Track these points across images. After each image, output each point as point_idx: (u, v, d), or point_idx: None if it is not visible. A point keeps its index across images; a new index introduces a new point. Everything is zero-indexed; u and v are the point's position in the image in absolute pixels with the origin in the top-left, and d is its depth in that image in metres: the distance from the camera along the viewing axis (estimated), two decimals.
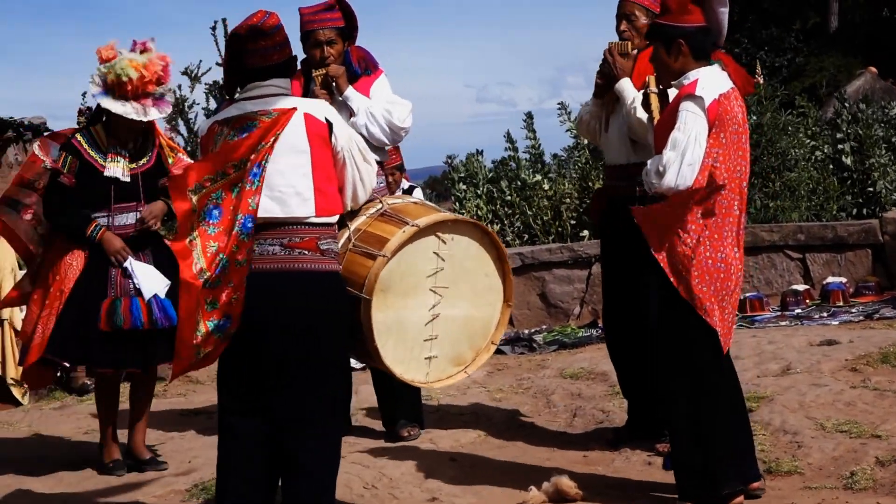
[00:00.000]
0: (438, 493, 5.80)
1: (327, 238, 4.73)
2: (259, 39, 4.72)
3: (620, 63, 6.23)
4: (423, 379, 5.15)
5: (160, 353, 6.42)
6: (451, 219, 5.18)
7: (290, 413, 4.68)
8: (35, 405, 8.70)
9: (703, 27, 5.32)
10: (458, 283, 5.15)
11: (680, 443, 5.29)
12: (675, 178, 5.11)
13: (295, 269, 4.64)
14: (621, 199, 6.24)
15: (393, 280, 4.94)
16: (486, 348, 5.31)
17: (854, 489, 5.52)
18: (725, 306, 5.22)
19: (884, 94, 17.90)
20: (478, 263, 5.22)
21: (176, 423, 7.69)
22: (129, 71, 6.45)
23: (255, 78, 4.77)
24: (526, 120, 12.70)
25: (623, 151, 6.31)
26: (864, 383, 7.11)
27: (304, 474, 4.71)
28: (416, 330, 5.04)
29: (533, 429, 7.03)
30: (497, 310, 5.32)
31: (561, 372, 8.32)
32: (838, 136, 11.82)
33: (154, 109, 6.55)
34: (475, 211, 11.91)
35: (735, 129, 5.20)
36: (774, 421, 6.45)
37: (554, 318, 10.70)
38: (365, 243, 4.98)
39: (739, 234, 5.29)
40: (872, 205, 11.37)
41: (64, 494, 6.30)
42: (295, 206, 4.66)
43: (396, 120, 6.59)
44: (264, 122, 4.64)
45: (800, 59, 27.06)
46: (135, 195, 6.58)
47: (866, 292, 10.19)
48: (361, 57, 6.72)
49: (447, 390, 7.90)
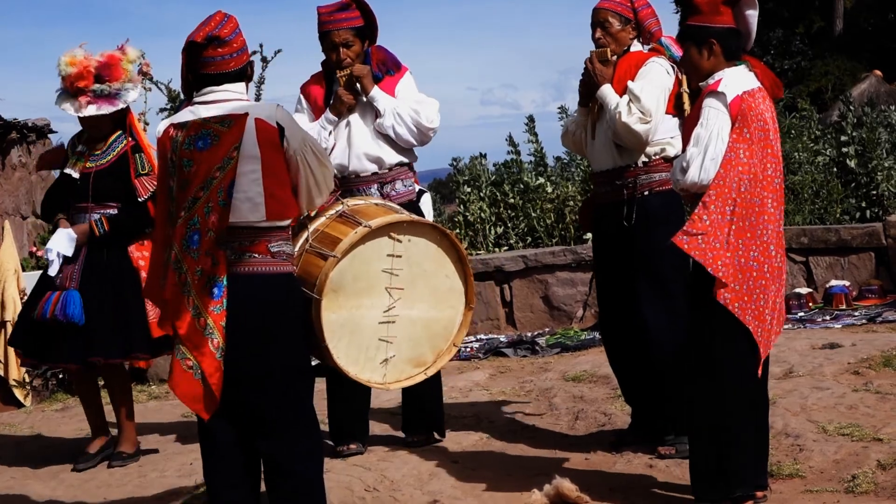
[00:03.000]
0: (440, 496, 5.79)
1: (278, 241, 4.71)
2: (217, 47, 4.70)
3: (600, 69, 6.23)
4: (380, 380, 5.13)
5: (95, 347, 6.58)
6: (406, 220, 5.17)
7: (254, 414, 4.68)
8: (37, 407, 8.71)
9: (734, 29, 5.32)
10: (416, 285, 5.14)
11: (699, 443, 5.26)
12: (697, 173, 5.11)
13: (245, 272, 4.64)
14: (609, 205, 6.27)
15: (345, 280, 4.94)
16: (448, 350, 5.32)
17: (855, 493, 5.50)
18: (763, 306, 5.15)
19: (888, 98, 17.89)
20: (437, 265, 5.21)
21: (178, 425, 7.69)
22: (64, 68, 6.61)
23: (211, 83, 4.76)
24: (528, 123, 12.70)
25: (609, 156, 6.27)
26: (867, 386, 7.11)
27: (288, 477, 4.72)
28: (370, 331, 5.04)
29: (535, 431, 7.03)
30: (459, 312, 5.32)
31: (563, 374, 8.32)
32: (843, 138, 11.81)
33: (92, 106, 6.62)
34: (478, 213, 11.91)
35: (761, 125, 5.16)
36: (776, 424, 6.44)
37: (557, 320, 10.70)
38: (320, 244, 4.99)
39: (779, 233, 5.24)
40: (876, 208, 11.36)
41: (65, 496, 6.30)
42: (245, 212, 4.63)
43: (424, 120, 6.51)
44: (221, 132, 4.60)
45: (805, 63, 27.04)
46: (83, 194, 6.66)
47: (869, 295, 10.19)
48: (381, 59, 6.60)
49: (449, 393, 7.90)
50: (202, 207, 4.57)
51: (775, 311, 5.26)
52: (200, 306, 4.57)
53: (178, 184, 4.65)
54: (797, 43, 27.94)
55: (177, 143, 4.68)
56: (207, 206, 4.56)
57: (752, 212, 5.14)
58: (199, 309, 4.57)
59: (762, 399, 5.37)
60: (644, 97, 6.08)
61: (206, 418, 4.64)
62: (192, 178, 4.61)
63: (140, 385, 9.01)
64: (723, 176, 5.10)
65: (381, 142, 6.56)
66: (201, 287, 4.56)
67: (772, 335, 5.26)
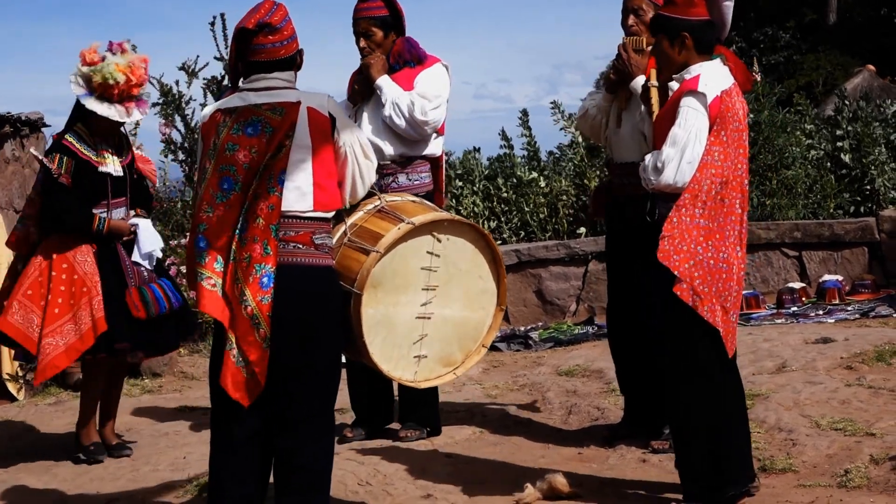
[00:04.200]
0: (433, 490, 5.79)
1: (322, 233, 4.71)
2: (267, 34, 4.69)
3: (635, 60, 6.08)
4: (411, 378, 5.12)
5: (170, 338, 6.89)
6: (447, 218, 5.16)
7: (284, 408, 4.66)
8: (30, 401, 8.69)
9: (708, 21, 5.27)
10: (451, 284, 5.13)
11: (685, 444, 5.27)
12: (673, 174, 5.09)
13: (288, 262, 4.61)
14: (631, 197, 6.16)
15: (385, 276, 4.93)
16: (477, 351, 5.29)
17: (848, 487, 5.51)
18: (728, 307, 5.16)
19: (882, 92, 17.89)
20: (472, 265, 5.19)
21: (171, 419, 7.69)
22: (116, 76, 6.60)
23: (260, 70, 4.75)
24: (521, 117, 12.70)
25: (635, 149, 6.17)
26: (859, 381, 7.12)
27: (301, 471, 4.70)
28: (406, 328, 5.02)
29: (528, 426, 7.03)
30: (490, 313, 5.29)
31: (556, 369, 8.32)
32: (837, 133, 11.82)
33: (137, 111, 6.75)
34: (472, 208, 11.90)
35: (736, 126, 5.16)
36: (769, 418, 6.45)
37: (550, 315, 10.70)
38: (360, 238, 4.97)
39: (742, 234, 5.23)
40: (870, 203, 11.37)
41: (58, 490, 6.29)
42: (293, 201, 4.63)
43: (418, 113, 6.54)
44: (272, 120, 4.60)
45: (797, 57, 27.03)
46: (124, 189, 6.73)
47: (862, 290, 10.21)
48: (399, 51, 6.65)
49: (442, 387, 7.89)
50: (252, 194, 4.57)
51: (736, 310, 5.28)
52: (248, 294, 4.54)
53: (214, 167, 4.63)
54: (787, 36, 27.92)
55: (222, 128, 4.66)
56: (258, 192, 4.57)
57: (720, 213, 5.13)
58: (245, 297, 4.54)
59: (740, 395, 5.38)
60: None
61: (247, 405, 4.58)
62: (232, 161, 4.59)
63: (133, 379, 8.99)
64: (697, 179, 5.08)
65: (384, 133, 6.61)
66: (249, 275, 4.54)
67: (735, 334, 5.27)
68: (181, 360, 9.50)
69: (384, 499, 5.74)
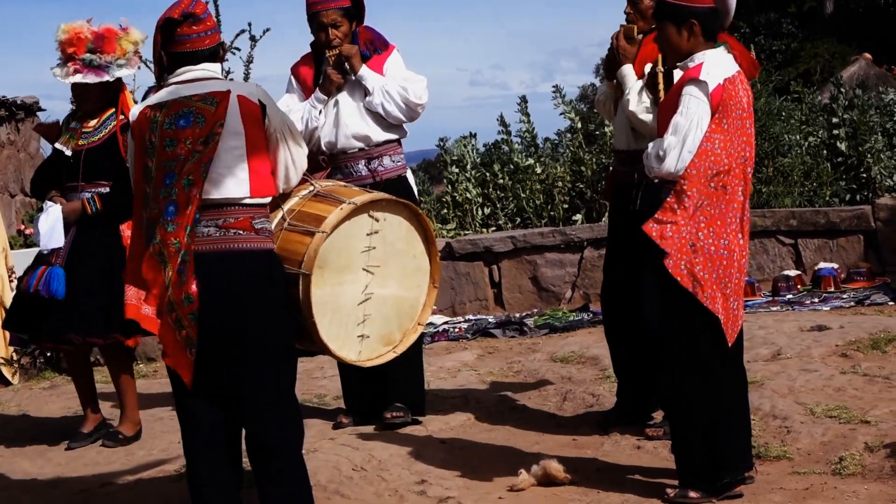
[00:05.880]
0: (427, 476, 5.79)
1: (261, 217, 4.73)
2: (192, 24, 4.73)
3: (624, 48, 6.18)
4: (355, 357, 5.14)
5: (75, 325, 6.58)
6: (384, 198, 5.19)
7: (242, 395, 4.67)
8: (25, 385, 8.69)
9: (713, 8, 5.27)
10: (389, 263, 5.16)
11: (683, 435, 5.27)
12: (675, 163, 5.09)
13: (231, 248, 4.64)
14: (624, 184, 6.30)
15: (330, 257, 4.95)
16: (413, 329, 5.32)
17: (843, 475, 5.52)
18: (729, 294, 5.16)
19: (878, 81, 17.90)
20: (407, 244, 5.23)
21: (165, 404, 7.67)
22: (59, 33, 6.62)
23: (186, 62, 4.77)
24: (520, 103, 12.67)
25: (624, 138, 6.31)
26: (854, 369, 7.13)
27: (272, 459, 4.71)
28: (350, 308, 5.04)
29: (523, 412, 7.03)
30: (423, 291, 5.33)
31: (552, 356, 8.32)
32: (833, 121, 11.81)
33: (78, 75, 6.62)
34: (466, 194, 11.90)
35: (739, 114, 5.16)
36: (764, 406, 6.46)
37: (545, 301, 10.70)
38: (301, 222, 4.98)
39: (744, 221, 5.23)
40: (866, 190, 11.36)
41: (53, 474, 6.29)
42: (230, 188, 4.65)
43: (413, 96, 6.59)
44: (204, 110, 4.62)
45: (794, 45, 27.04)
46: (74, 173, 6.65)
47: (858, 278, 10.21)
48: (369, 38, 6.67)
49: (437, 373, 7.91)
50: (181, 180, 4.57)
51: (739, 297, 5.28)
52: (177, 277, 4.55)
53: (158, 165, 4.64)
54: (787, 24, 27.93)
55: (156, 124, 4.66)
56: (188, 178, 4.57)
57: (722, 200, 5.14)
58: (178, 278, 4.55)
59: (742, 383, 5.38)
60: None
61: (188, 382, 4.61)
62: (173, 157, 4.60)
63: None
64: (696, 165, 5.09)
65: (369, 120, 6.65)
66: (177, 260, 4.55)
67: (738, 321, 5.26)
68: None
69: (379, 484, 5.75)
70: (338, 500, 5.62)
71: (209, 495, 4.75)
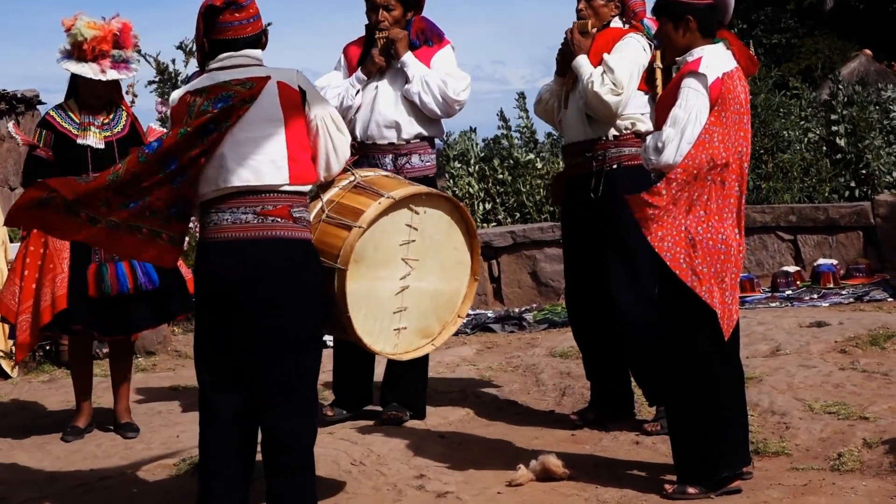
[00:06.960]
0: (426, 471, 5.79)
1: (300, 206, 4.72)
2: (234, 12, 4.73)
3: (578, 40, 6.29)
4: (391, 350, 5.17)
5: (142, 319, 6.65)
6: (424, 192, 5.20)
7: (264, 383, 4.67)
8: (24, 378, 8.69)
9: (711, 4, 5.29)
10: (428, 256, 5.18)
11: (681, 431, 5.28)
12: (673, 155, 5.10)
13: (268, 236, 4.63)
14: (579, 177, 6.33)
15: (367, 251, 4.96)
16: (453, 321, 5.35)
17: (841, 470, 5.52)
18: (725, 288, 5.17)
19: (878, 77, 17.88)
20: (447, 237, 5.25)
21: (164, 398, 7.69)
22: (84, 31, 6.58)
23: (228, 49, 4.77)
24: (518, 99, 12.67)
25: (580, 128, 6.34)
26: (853, 365, 7.13)
27: (283, 451, 4.71)
28: (386, 301, 5.06)
29: (521, 407, 7.04)
30: (464, 284, 5.36)
31: (550, 350, 8.32)
32: (833, 117, 11.81)
33: (113, 71, 6.62)
34: (467, 189, 11.90)
35: (737, 108, 5.17)
36: (763, 402, 6.46)
37: (544, 296, 10.70)
38: (339, 214, 4.99)
39: (740, 216, 5.24)
40: (865, 186, 11.37)
41: (51, 467, 6.29)
42: (269, 174, 4.64)
43: (451, 92, 6.55)
44: (242, 93, 4.63)
45: (794, 40, 27.00)
46: (107, 163, 6.62)
47: (857, 274, 10.21)
48: (422, 28, 6.64)
49: (436, 367, 7.90)
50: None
51: (735, 292, 5.28)
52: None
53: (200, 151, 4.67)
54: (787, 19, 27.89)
55: (193, 109, 4.69)
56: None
57: (719, 194, 5.15)
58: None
59: (739, 379, 5.39)
60: (618, 69, 6.14)
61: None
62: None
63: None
64: (693, 156, 5.09)
65: (403, 109, 6.60)
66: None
67: (734, 316, 5.26)
68: (175, 339, 9.50)
69: (377, 478, 5.74)
70: (336, 494, 5.62)
71: (218, 487, 4.76)
